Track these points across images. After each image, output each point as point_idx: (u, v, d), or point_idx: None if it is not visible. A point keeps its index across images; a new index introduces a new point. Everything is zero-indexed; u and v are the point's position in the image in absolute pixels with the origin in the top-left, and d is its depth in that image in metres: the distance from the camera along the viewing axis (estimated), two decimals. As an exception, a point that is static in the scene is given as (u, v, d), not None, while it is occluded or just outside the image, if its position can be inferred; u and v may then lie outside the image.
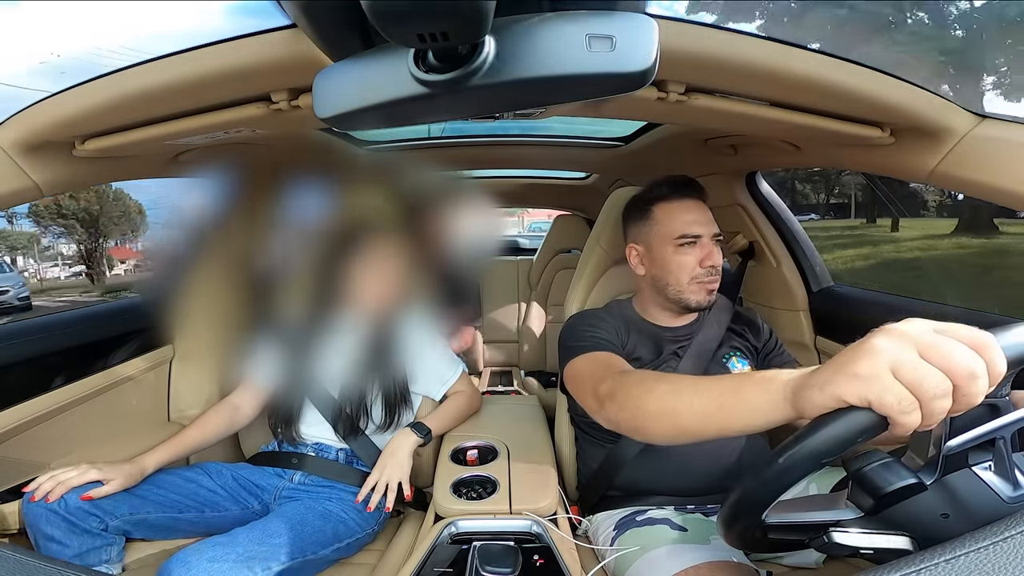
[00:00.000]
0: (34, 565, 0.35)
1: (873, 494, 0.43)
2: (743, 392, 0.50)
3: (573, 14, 0.35)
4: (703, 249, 0.90)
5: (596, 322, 0.93)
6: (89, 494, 0.82)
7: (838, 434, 0.40)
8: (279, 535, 0.84)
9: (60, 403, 0.94)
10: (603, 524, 0.89)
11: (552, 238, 2.22)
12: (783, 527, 0.49)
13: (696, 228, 0.90)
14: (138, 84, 0.59)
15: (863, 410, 0.39)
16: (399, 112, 0.38)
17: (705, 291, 0.92)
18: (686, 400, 0.55)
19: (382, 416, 1.06)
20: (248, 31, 0.53)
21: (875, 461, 0.44)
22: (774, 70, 0.57)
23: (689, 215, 0.91)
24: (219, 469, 1.01)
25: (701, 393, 0.54)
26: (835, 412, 0.40)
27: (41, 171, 0.72)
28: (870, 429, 0.39)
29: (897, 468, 0.43)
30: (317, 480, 1.02)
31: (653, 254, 0.94)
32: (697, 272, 0.90)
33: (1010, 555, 0.29)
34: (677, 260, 0.91)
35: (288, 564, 0.81)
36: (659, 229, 0.93)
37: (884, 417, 0.38)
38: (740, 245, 1.30)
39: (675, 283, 0.92)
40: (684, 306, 0.93)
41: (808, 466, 0.41)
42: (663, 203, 0.94)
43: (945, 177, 0.70)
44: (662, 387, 0.60)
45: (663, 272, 0.93)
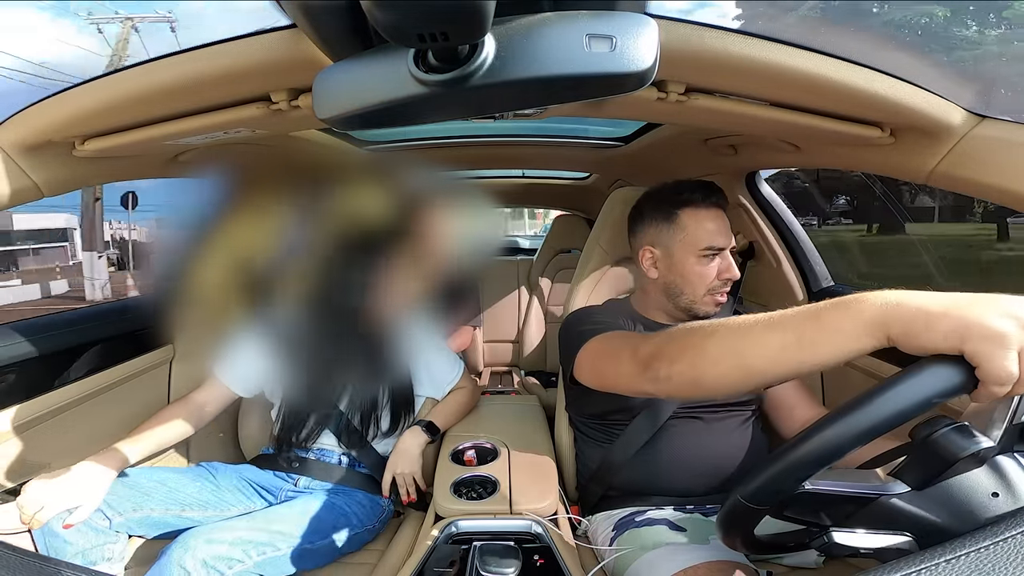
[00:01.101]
0: (34, 565, 0.35)
1: (944, 460, 0.41)
2: (825, 319, 0.44)
3: (573, 14, 0.35)
4: (724, 261, 0.90)
5: (598, 315, 0.93)
6: (69, 522, 0.79)
7: (933, 387, 0.37)
8: (279, 522, 0.85)
9: (60, 403, 0.94)
10: (602, 524, 0.89)
11: (552, 238, 2.22)
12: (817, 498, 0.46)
13: (721, 240, 0.89)
14: (138, 84, 0.59)
15: (964, 366, 0.37)
16: (399, 112, 0.38)
17: (715, 303, 0.91)
18: (756, 336, 0.49)
19: (389, 423, 1.07)
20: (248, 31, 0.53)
21: (947, 425, 0.42)
22: (774, 70, 0.57)
23: (714, 224, 0.90)
24: (224, 469, 1.01)
25: (774, 327, 0.48)
26: (933, 360, 0.38)
27: (41, 171, 0.72)
28: (961, 389, 0.37)
29: (971, 432, 0.41)
30: (321, 485, 1.03)
31: (673, 260, 0.92)
32: (715, 284, 0.90)
33: (1010, 555, 0.30)
34: (699, 271, 0.90)
35: (286, 551, 0.81)
36: (684, 236, 0.90)
37: (976, 380, 0.37)
38: (740, 245, 1.30)
39: (691, 293, 0.91)
40: (692, 315, 0.93)
41: (899, 417, 0.38)
42: (691, 209, 0.91)
43: (945, 177, 0.70)
44: (725, 328, 0.53)
45: (680, 280, 0.91)
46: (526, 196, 2.47)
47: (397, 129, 1.45)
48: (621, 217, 1.05)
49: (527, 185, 2.17)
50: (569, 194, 2.28)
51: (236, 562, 0.76)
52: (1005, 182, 0.63)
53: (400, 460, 1.01)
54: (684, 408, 0.89)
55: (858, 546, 0.46)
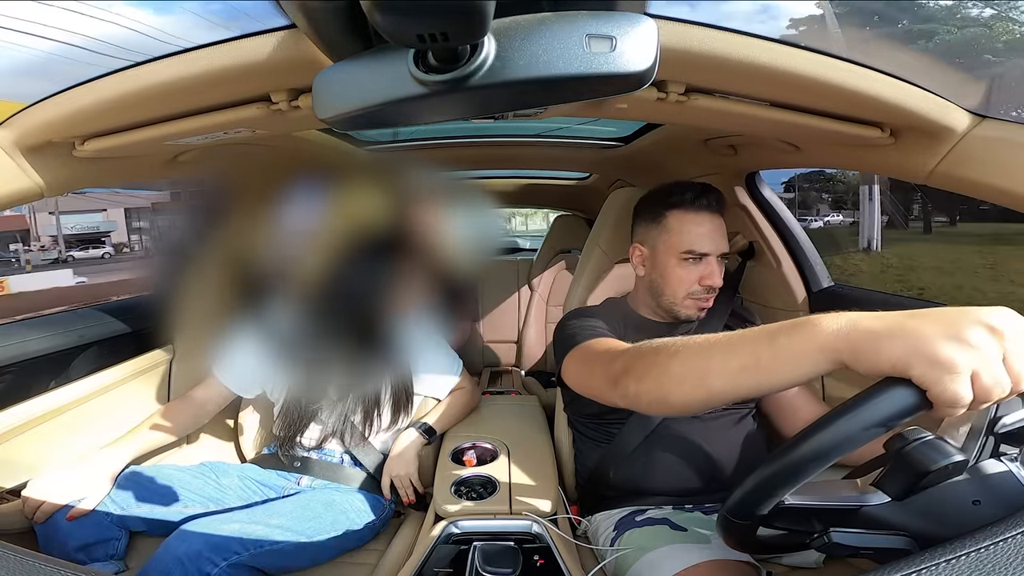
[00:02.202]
0: (34, 565, 0.35)
1: (916, 474, 0.42)
2: (780, 344, 0.45)
3: (573, 14, 0.35)
4: (707, 267, 0.89)
5: (591, 316, 0.93)
6: (71, 514, 0.80)
7: (885, 411, 0.38)
8: (278, 516, 0.85)
9: (60, 403, 0.94)
10: (603, 524, 0.89)
11: (552, 238, 2.22)
12: (799, 512, 0.47)
13: (704, 245, 0.88)
14: (138, 84, 0.59)
15: (915, 389, 0.37)
16: (399, 112, 0.38)
17: (697, 308, 0.91)
18: (717, 358, 0.50)
19: (389, 420, 1.07)
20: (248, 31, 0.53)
21: (917, 439, 0.43)
22: (774, 70, 0.57)
23: (701, 228, 0.89)
24: (225, 468, 1.01)
25: (734, 349, 0.49)
26: (884, 385, 0.39)
27: (41, 171, 0.72)
28: (916, 409, 0.38)
29: (941, 446, 0.42)
30: (323, 484, 1.03)
31: (656, 260, 0.93)
32: (695, 289, 0.90)
33: (1010, 555, 0.29)
34: (678, 274, 0.90)
35: (283, 545, 0.81)
36: (668, 238, 0.91)
37: (930, 401, 0.37)
38: (740, 245, 1.30)
39: (671, 294, 0.91)
40: (674, 316, 0.93)
41: (853, 442, 0.39)
42: (679, 211, 0.91)
43: (945, 177, 0.70)
44: (687, 348, 0.54)
45: (662, 280, 0.92)
46: (526, 196, 2.47)
47: (397, 129, 1.45)
48: (621, 217, 1.05)
49: (527, 185, 2.17)
50: (569, 194, 2.28)
51: (233, 554, 0.76)
52: (1005, 182, 0.63)
53: (396, 463, 1.01)
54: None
55: (858, 546, 0.46)
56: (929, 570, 0.30)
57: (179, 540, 0.74)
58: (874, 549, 0.46)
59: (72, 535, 0.80)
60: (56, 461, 0.91)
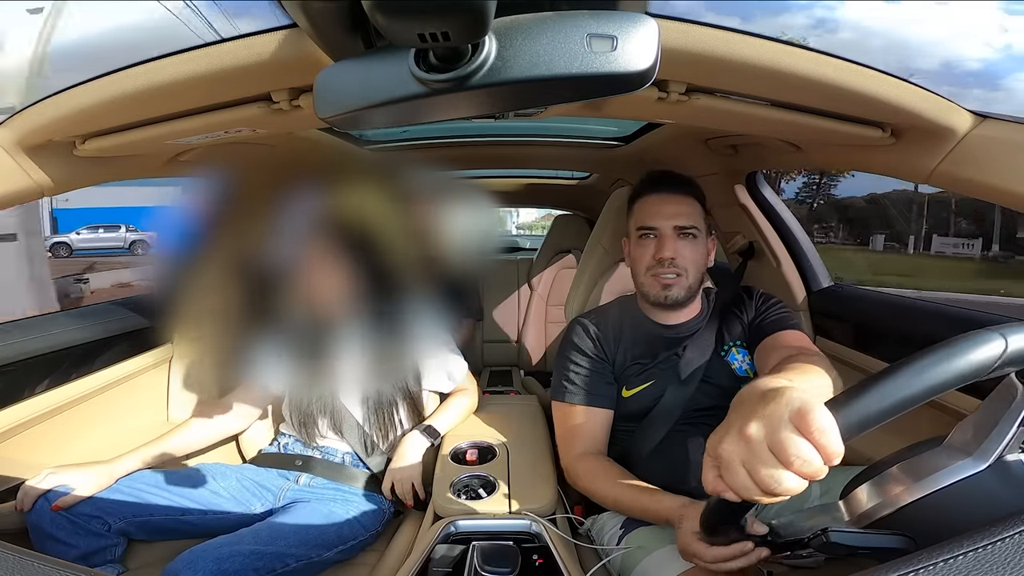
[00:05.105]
0: (34, 565, 0.35)
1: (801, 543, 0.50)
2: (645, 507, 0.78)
3: (574, 14, 0.35)
4: (660, 241, 0.92)
5: (586, 350, 0.96)
6: (57, 504, 0.80)
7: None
8: (284, 537, 0.84)
9: (60, 403, 0.94)
10: (609, 523, 0.89)
11: (552, 238, 2.22)
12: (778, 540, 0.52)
13: (654, 220, 0.92)
14: (138, 84, 0.59)
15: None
16: (400, 112, 0.38)
17: (660, 284, 0.92)
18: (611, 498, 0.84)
19: (398, 422, 1.07)
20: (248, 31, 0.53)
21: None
22: (775, 70, 0.57)
23: (655, 207, 0.93)
24: (223, 470, 1.01)
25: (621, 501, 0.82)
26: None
27: (41, 171, 0.72)
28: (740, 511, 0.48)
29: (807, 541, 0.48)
30: (323, 483, 1.02)
31: (630, 246, 0.98)
32: (651, 264, 0.92)
33: (1010, 555, 0.29)
34: (637, 252, 0.95)
35: (292, 566, 0.81)
36: (633, 221, 0.97)
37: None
38: (740, 245, 1.30)
39: (637, 275, 0.96)
40: (649, 300, 0.95)
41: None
42: (643, 197, 0.96)
43: (946, 177, 0.69)
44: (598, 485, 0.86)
45: (632, 263, 0.97)
46: (526, 196, 2.46)
47: (397, 128, 1.45)
48: (622, 217, 1.05)
49: (527, 185, 2.17)
50: (569, 194, 2.28)
51: None
52: (1006, 183, 0.63)
53: (401, 468, 1.01)
54: (694, 411, 0.90)
55: (858, 546, 0.46)
56: (928, 570, 0.29)
57: (189, 569, 0.71)
58: (873, 549, 0.46)
59: (70, 545, 0.80)
60: (56, 461, 0.91)
